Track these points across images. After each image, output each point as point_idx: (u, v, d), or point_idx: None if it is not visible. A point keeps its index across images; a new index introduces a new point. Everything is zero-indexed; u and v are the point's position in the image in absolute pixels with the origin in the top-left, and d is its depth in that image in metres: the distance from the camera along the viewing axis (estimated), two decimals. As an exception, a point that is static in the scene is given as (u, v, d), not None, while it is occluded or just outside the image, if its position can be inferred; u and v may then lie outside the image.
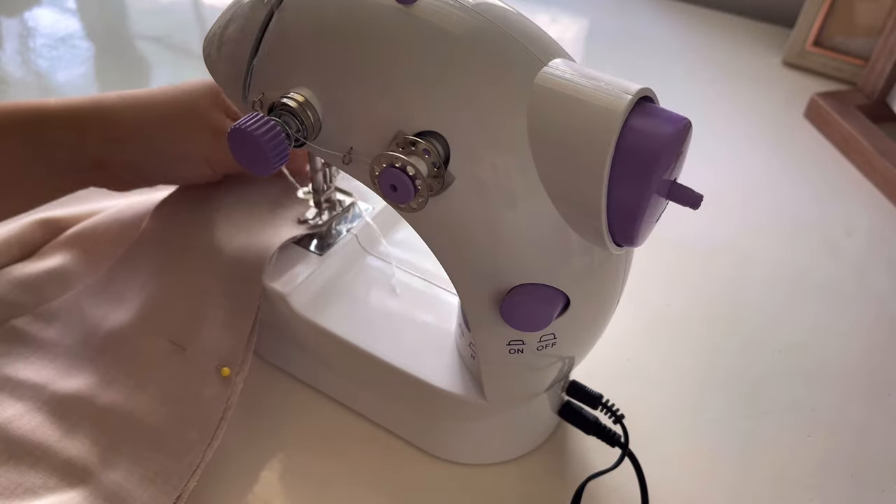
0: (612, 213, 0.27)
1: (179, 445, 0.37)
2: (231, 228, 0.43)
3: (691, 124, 0.26)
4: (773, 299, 0.52)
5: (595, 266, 0.30)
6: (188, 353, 0.40)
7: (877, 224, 0.60)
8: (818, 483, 0.40)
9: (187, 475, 0.36)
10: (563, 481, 0.39)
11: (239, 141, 0.27)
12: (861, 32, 0.75)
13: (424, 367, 0.38)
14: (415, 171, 0.26)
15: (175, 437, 0.37)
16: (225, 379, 0.39)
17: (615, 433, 0.39)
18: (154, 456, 0.36)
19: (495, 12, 0.28)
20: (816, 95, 0.71)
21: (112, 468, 0.36)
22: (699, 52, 0.83)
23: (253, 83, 0.31)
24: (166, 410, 0.38)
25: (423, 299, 0.42)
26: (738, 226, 0.59)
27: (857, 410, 0.44)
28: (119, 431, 0.37)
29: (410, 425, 0.40)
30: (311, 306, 0.40)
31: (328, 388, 0.43)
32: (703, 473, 0.40)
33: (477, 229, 0.28)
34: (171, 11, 0.88)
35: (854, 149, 0.66)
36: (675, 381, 0.45)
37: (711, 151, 0.66)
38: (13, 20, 0.85)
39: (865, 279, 0.54)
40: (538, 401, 0.39)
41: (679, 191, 0.27)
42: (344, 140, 0.29)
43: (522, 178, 0.27)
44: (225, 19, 0.32)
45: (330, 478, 0.39)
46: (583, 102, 0.26)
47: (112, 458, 0.36)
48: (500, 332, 0.32)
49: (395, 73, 0.28)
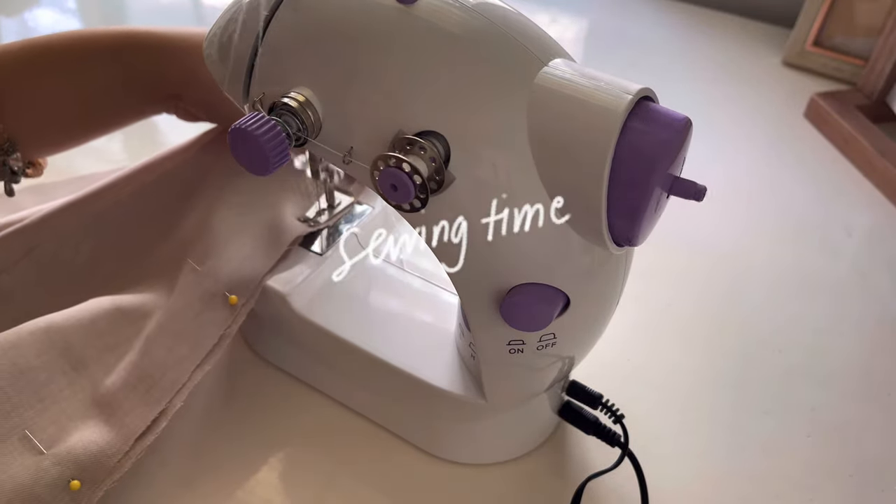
0: (612, 213, 0.27)
1: (167, 356, 0.36)
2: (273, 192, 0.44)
3: (691, 124, 0.26)
4: (773, 299, 0.52)
5: (595, 266, 0.30)
6: (200, 273, 0.39)
7: (877, 224, 0.60)
8: (818, 483, 0.40)
9: (170, 391, 0.35)
10: (563, 481, 0.39)
11: (239, 140, 0.27)
12: (861, 32, 0.75)
13: (424, 367, 0.38)
14: (415, 171, 0.26)
15: (164, 347, 0.36)
16: (230, 306, 0.38)
17: (615, 433, 0.39)
18: (138, 360, 0.36)
19: (495, 12, 0.28)
20: (816, 95, 0.71)
21: (104, 367, 0.36)
22: (699, 52, 0.83)
23: (253, 83, 0.31)
24: (162, 319, 0.37)
25: (423, 299, 0.42)
26: (738, 226, 0.59)
27: (857, 410, 0.44)
28: (114, 329, 0.37)
29: (410, 425, 0.40)
30: (311, 306, 0.40)
31: (328, 387, 0.43)
32: (702, 473, 0.40)
33: (477, 229, 0.28)
34: (171, 11, 0.88)
35: (854, 149, 0.66)
36: (675, 381, 0.45)
37: (711, 151, 0.66)
38: (13, 20, 0.85)
39: (866, 279, 0.54)
40: (538, 401, 0.39)
41: (682, 185, 0.27)
42: (344, 140, 0.29)
43: (522, 178, 0.27)
44: (225, 19, 0.32)
45: (330, 477, 0.39)
46: (583, 102, 0.26)
47: (106, 357, 0.36)
48: (500, 332, 0.32)
49: (395, 72, 0.28)
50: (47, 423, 0.34)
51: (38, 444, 0.33)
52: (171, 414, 0.35)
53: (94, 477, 0.33)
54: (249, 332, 0.45)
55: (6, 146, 0.40)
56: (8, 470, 0.32)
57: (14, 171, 0.41)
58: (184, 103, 0.44)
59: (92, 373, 0.36)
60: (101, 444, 0.34)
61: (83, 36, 0.42)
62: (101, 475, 0.33)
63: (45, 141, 0.43)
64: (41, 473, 0.32)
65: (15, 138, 0.40)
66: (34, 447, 0.33)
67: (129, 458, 0.34)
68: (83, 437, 0.34)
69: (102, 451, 0.33)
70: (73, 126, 0.43)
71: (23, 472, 0.32)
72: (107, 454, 0.33)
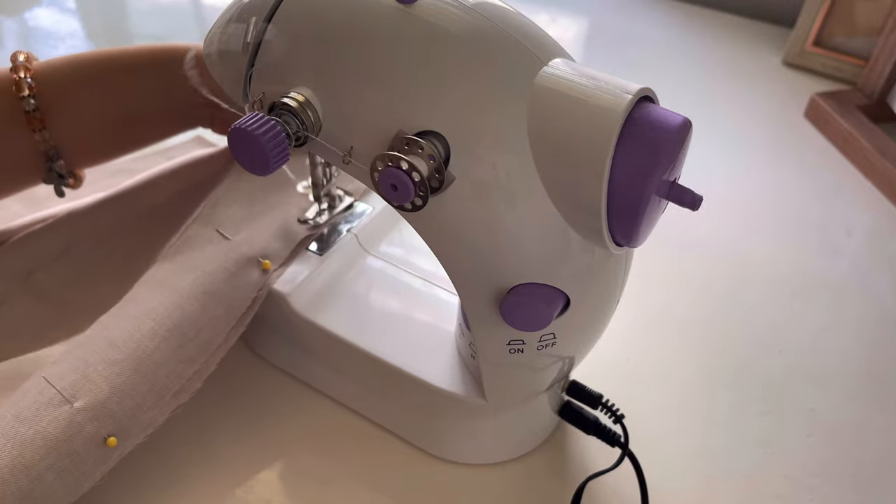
0: (612, 213, 0.27)
1: (200, 314, 0.37)
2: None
3: (691, 124, 0.26)
4: (774, 299, 0.52)
5: (595, 266, 0.30)
6: (233, 241, 0.40)
7: (877, 224, 0.60)
8: (818, 483, 0.40)
9: (205, 351, 0.36)
10: (563, 481, 0.39)
11: (239, 140, 0.27)
12: (861, 32, 0.75)
13: (424, 367, 0.38)
14: (415, 171, 0.26)
15: (197, 304, 0.37)
16: (264, 271, 0.39)
17: (615, 433, 0.39)
18: (169, 313, 0.36)
19: (495, 12, 0.28)
20: (816, 95, 0.71)
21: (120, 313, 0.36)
22: (699, 52, 0.83)
23: (253, 83, 0.31)
24: (195, 279, 0.38)
25: (423, 299, 0.42)
26: (739, 226, 0.59)
27: (857, 410, 0.44)
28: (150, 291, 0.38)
29: (410, 425, 0.40)
30: (311, 306, 0.40)
31: (328, 387, 0.43)
32: (703, 473, 0.40)
33: (477, 229, 0.28)
34: (171, 11, 0.88)
35: (854, 149, 0.66)
36: (675, 381, 0.45)
37: (711, 152, 0.66)
38: (13, 20, 0.85)
39: (866, 279, 0.54)
40: (538, 401, 0.39)
41: (679, 192, 0.27)
42: (344, 140, 0.29)
43: (522, 178, 0.27)
44: (225, 19, 0.32)
45: (330, 477, 0.39)
46: (583, 102, 0.26)
47: (124, 307, 0.37)
48: (500, 332, 0.32)
49: (395, 72, 0.28)
50: (66, 372, 0.34)
51: (60, 391, 0.33)
52: (206, 375, 0.36)
53: (130, 433, 0.34)
54: (249, 332, 0.45)
55: (52, 153, 0.42)
56: (40, 423, 0.32)
57: (61, 175, 0.43)
58: (220, 116, 0.45)
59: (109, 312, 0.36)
60: (138, 400, 0.34)
61: (127, 51, 0.44)
62: (136, 431, 0.34)
63: (88, 150, 0.45)
64: (76, 428, 0.32)
65: (60, 146, 0.42)
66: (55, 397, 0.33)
67: (163, 415, 0.35)
68: (113, 388, 0.34)
69: (139, 406, 0.34)
70: (114, 137, 0.45)
71: (55, 426, 0.32)
72: (142, 409, 0.34)
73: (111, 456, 0.33)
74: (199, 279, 0.38)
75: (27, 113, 0.40)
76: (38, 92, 0.41)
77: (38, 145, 0.41)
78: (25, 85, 0.40)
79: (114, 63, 0.43)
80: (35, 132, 0.41)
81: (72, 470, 0.32)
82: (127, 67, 0.43)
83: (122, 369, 0.34)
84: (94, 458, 0.32)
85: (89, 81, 0.43)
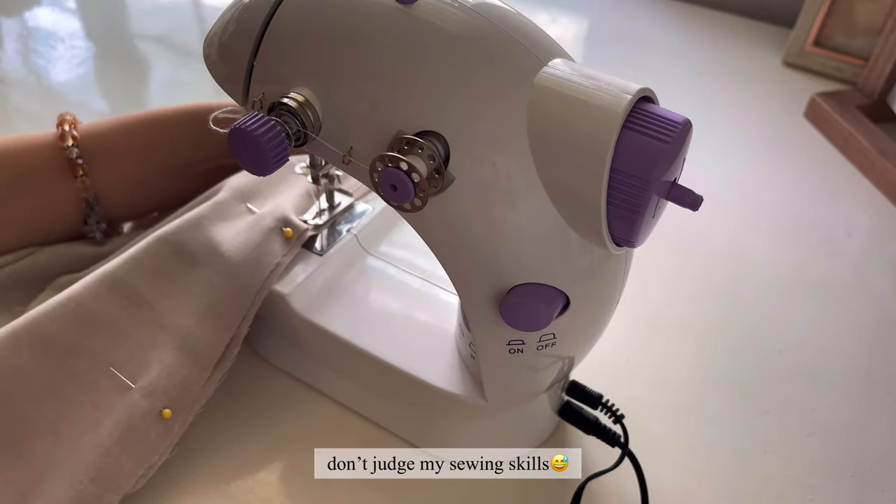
0: (612, 213, 0.27)
1: (228, 285, 0.39)
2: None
3: (691, 124, 0.26)
4: (774, 299, 0.52)
5: (595, 266, 0.30)
6: (258, 214, 0.42)
7: (877, 224, 0.60)
8: (818, 483, 0.40)
9: (237, 318, 0.39)
10: (563, 481, 0.39)
11: (239, 141, 0.27)
12: (861, 32, 0.75)
13: (424, 367, 0.38)
14: (414, 171, 0.26)
15: (224, 276, 0.39)
16: (286, 239, 0.42)
17: (615, 433, 0.39)
18: (202, 292, 0.39)
19: (495, 12, 0.28)
20: (816, 95, 0.71)
21: (160, 294, 0.39)
22: (699, 52, 0.83)
23: (253, 83, 0.31)
24: (223, 251, 0.40)
25: (422, 299, 0.42)
26: (739, 226, 0.59)
27: (857, 410, 0.44)
28: (167, 264, 0.40)
29: (410, 425, 0.40)
30: (311, 306, 0.40)
31: (328, 387, 0.43)
32: (702, 473, 0.40)
33: (477, 229, 0.28)
34: (171, 11, 0.88)
35: (854, 149, 0.66)
36: (674, 381, 0.45)
37: (711, 151, 0.66)
38: (13, 20, 0.85)
39: (865, 279, 0.54)
40: (538, 401, 0.39)
41: (679, 192, 0.27)
42: (344, 140, 0.29)
43: (522, 178, 0.27)
44: (225, 19, 0.32)
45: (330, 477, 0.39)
46: (583, 102, 0.26)
47: (160, 285, 0.39)
48: (500, 332, 0.32)
49: (394, 72, 0.28)
50: (127, 359, 0.37)
51: (126, 379, 0.37)
52: (241, 340, 0.39)
53: (183, 404, 0.37)
54: (249, 333, 0.45)
55: (91, 199, 0.45)
56: (106, 408, 0.36)
57: (99, 221, 0.46)
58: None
59: (149, 300, 0.39)
60: (185, 373, 0.37)
61: (166, 107, 0.48)
62: (188, 402, 0.37)
63: (127, 197, 0.47)
64: (134, 407, 0.36)
65: (100, 193, 0.45)
66: (122, 383, 0.36)
67: (212, 384, 0.38)
68: (163, 367, 0.37)
69: (186, 379, 0.37)
70: (152, 185, 0.48)
71: (118, 409, 0.36)
72: (190, 381, 0.37)
73: (172, 427, 0.36)
74: (226, 254, 0.40)
75: (70, 160, 0.44)
76: (80, 142, 0.44)
77: (79, 192, 0.45)
78: (69, 136, 0.44)
79: (154, 116, 0.47)
80: (76, 178, 0.44)
81: (136, 443, 0.35)
82: (165, 119, 0.47)
83: (168, 349, 0.37)
84: (156, 432, 0.36)
85: (130, 132, 0.46)
